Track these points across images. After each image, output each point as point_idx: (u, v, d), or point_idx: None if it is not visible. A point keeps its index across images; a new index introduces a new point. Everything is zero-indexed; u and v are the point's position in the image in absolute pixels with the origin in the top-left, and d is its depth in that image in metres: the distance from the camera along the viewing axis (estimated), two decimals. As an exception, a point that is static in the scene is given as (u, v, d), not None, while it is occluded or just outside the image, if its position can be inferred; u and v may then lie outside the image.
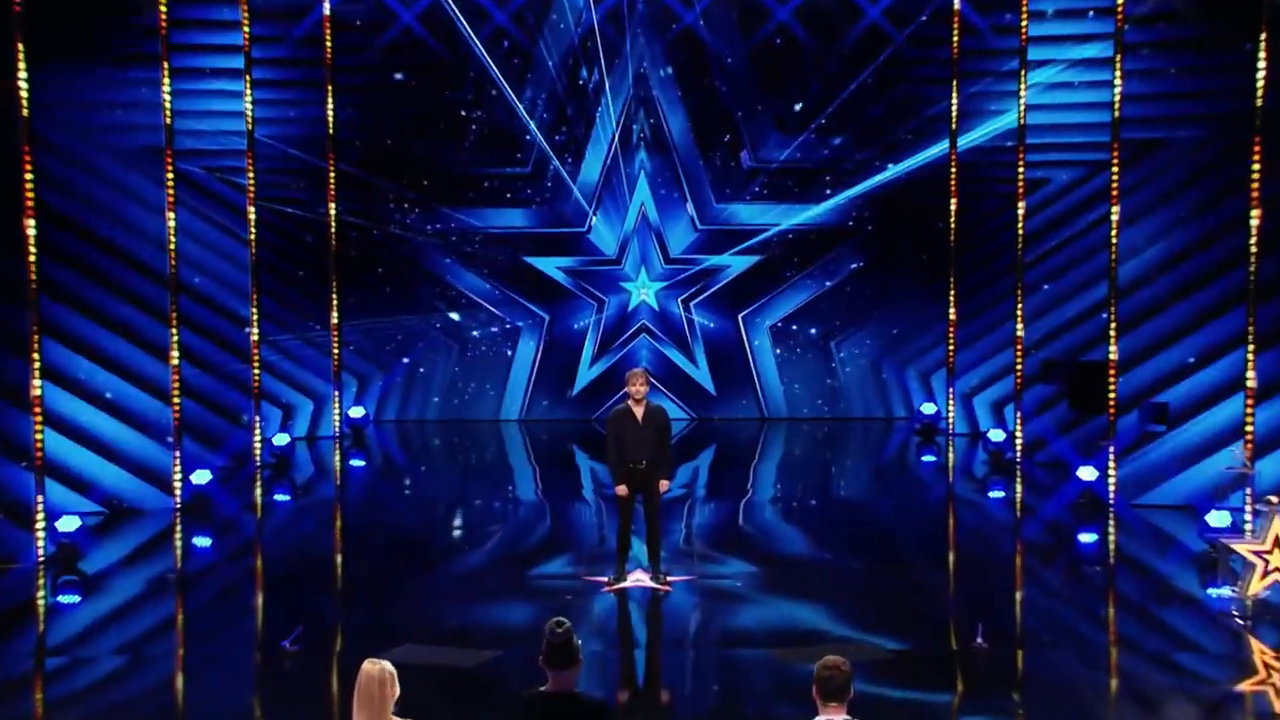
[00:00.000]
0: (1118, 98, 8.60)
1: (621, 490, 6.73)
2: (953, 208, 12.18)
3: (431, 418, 13.17)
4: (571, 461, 11.49)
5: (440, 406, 13.23)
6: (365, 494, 10.19)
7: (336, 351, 12.50)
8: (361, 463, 11.42)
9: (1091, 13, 10.17)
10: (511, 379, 13.26)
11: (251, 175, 10.60)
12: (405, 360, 13.03)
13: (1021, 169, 10.90)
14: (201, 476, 9.18)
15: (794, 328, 13.20)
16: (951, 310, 12.32)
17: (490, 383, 13.26)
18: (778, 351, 13.17)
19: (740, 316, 13.28)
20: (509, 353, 13.20)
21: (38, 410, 7.44)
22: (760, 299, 13.29)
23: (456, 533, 8.58)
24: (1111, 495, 8.81)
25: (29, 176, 7.18)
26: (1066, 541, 8.17)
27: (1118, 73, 8.52)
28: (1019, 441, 10.74)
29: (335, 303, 12.43)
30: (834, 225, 12.97)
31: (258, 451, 10.59)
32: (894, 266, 12.94)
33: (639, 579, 7.01)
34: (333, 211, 12.34)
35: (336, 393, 12.39)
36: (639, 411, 6.61)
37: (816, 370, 13.24)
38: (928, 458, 11.51)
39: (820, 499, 9.79)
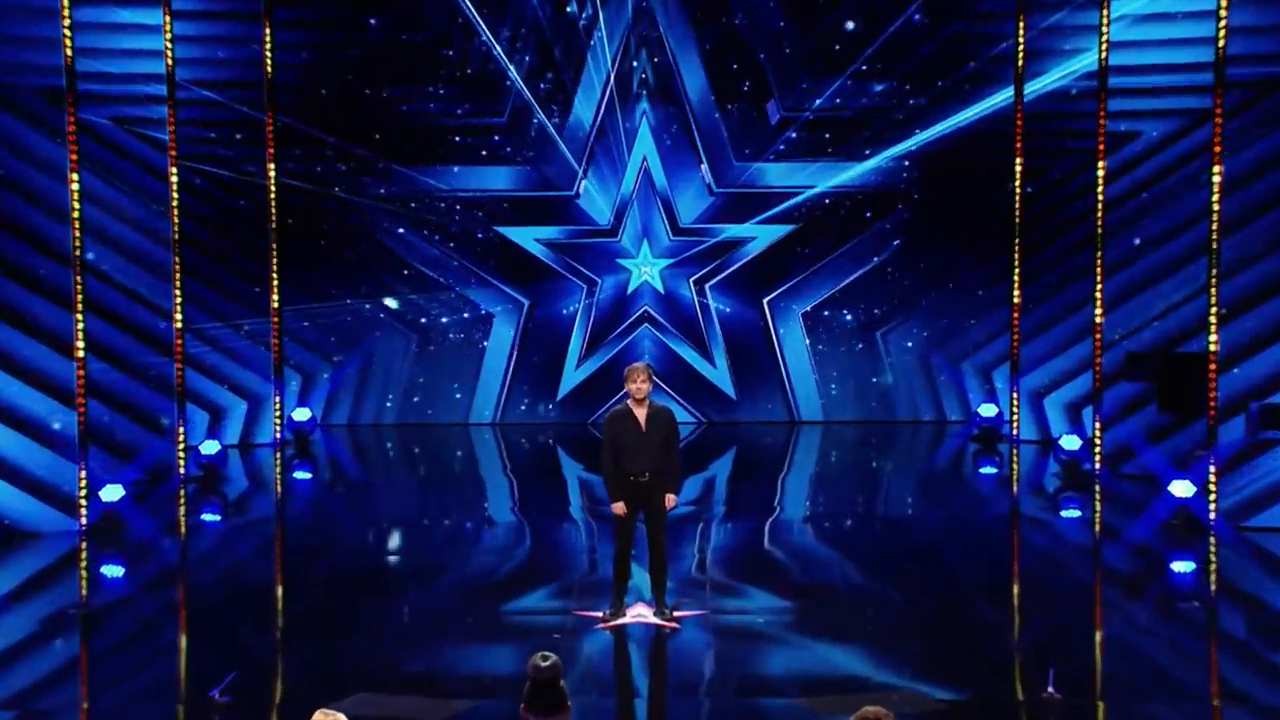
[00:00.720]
0: (1223, 31, 8.19)
1: (619, 508, 6.75)
2: (1018, 168, 12.04)
3: (390, 421, 13.22)
4: (558, 473, 11.63)
5: (400, 408, 13.25)
6: (311, 512, 10.30)
7: (276, 343, 12.43)
8: (307, 475, 11.50)
9: None
10: (484, 376, 13.22)
11: (172, 128, 10.38)
12: (352, 364, 13.05)
13: (1103, 121, 10.61)
14: (112, 493, 9.07)
15: (829, 314, 13.15)
16: (1016, 293, 12.21)
17: (459, 380, 13.23)
18: (810, 343, 13.17)
19: (765, 301, 13.23)
20: (481, 345, 13.16)
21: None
22: (789, 279, 13.19)
23: (419, 558, 8.56)
24: (1212, 515, 8.70)
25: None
26: (1157, 570, 8.14)
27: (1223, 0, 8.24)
28: (1098, 450, 10.68)
29: (275, 284, 12.34)
30: (877, 189, 12.88)
31: (181, 462, 10.54)
32: (947, 240, 12.86)
33: (640, 614, 7.02)
34: (271, 173, 12.17)
35: (276, 392, 12.35)
36: (641, 414, 6.63)
37: (857, 365, 13.17)
38: (988, 469, 11.55)
39: (860, 518, 9.80)
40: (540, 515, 9.83)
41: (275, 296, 12.40)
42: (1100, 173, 10.60)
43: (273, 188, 12.21)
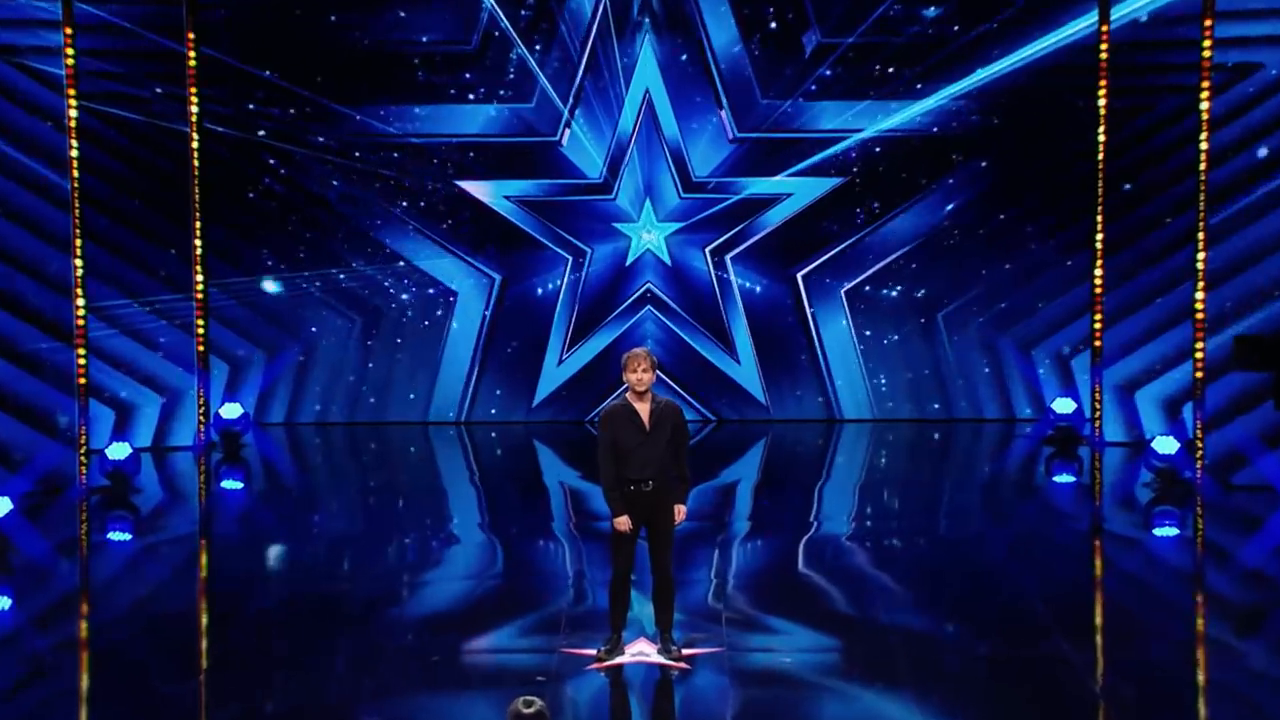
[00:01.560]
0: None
1: (623, 523, 6.72)
2: (1102, 110, 11.79)
3: (336, 420, 13.20)
4: (538, 480, 11.69)
5: (348, 404, 13.26)
6: (241, 529, 10.30)
7: (200, 325, 12.40)
8: (237, 484, 11.52)
9: None
10: (447, 366, 13.16)
11: (70, 61, 10.28)
12: (291, 351, 12.99)
13: (1208, 52, 10.42)
14: (-3, 507, 9.42)
15: (878, 292, 13.04)
16: (1099, 265, 12.07)
17: (418, 371, 13.20)
18: (854, 326, 13.01)
19: (799, 276, 13.09)
20: (444, 328, 13.11)
21: None
22: (829, 249, 13.06)
23: (372, 585, 8.56)
24: (1347, 533, 9.36)
25: None
26: (1277, 603, 8.14)
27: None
28: (1200, 455, 10.63)
29: (197, 253, 12.28)
30: (935, 135, 12.68)
31: (82, 470, 10.53)
32: (1018, 199, 12.75)
33: (642, 652, 7.01)
34: (193, 116, 12.06)
35: (199, 385, 12.36)
36: (643, 409, 6.66)
37: (910, 353, 13.09)
38: (1064, 477, 11.48)
39: (912, 536, 9.76)
40: (518, 532, 9.88)
41: (198, 269, 12.35)
42: (1204, 114, 10.41)
43: (194, 135, 12.08)
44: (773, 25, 12.71)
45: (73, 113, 10.21)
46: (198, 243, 12.35)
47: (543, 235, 13.70)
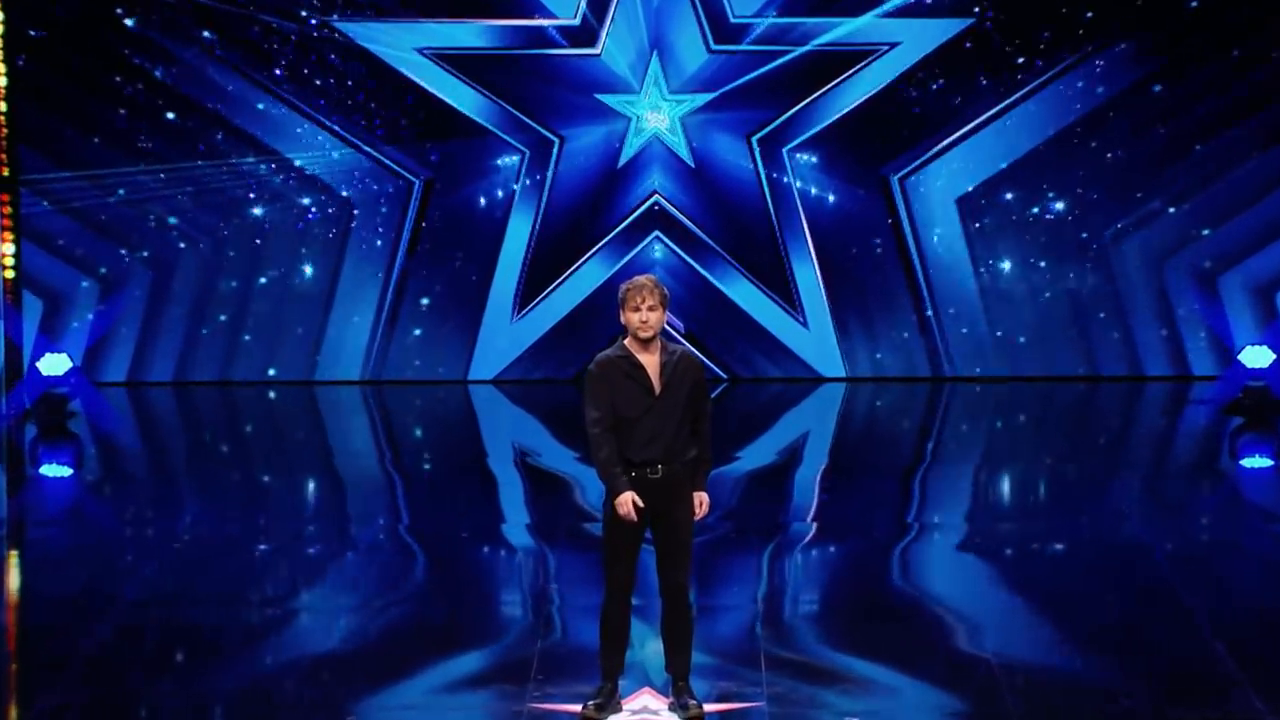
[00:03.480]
0: None
1: (625, 502, 6.70)
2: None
3: (196, 378, 13.61)
4: (484, 462, 12.05)
5: (215, 357, 13.78)
6: (67, 534, 10.34)
7: (9, 244, 12.58)
8: (62, 469, 11.64)
9: None
10: (345, 304, 13.66)
11: None
12: (135, 284, 13.48)
13: None
14: None
15: (1002, 201, 13.30)
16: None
17: (309, 312, 13.67)
18: (971, 250, 13.42)
19: (896, 178, 13.16)
20: (341, 254, 13.48)
21: None
22: (939, 136, 13.11)
23: (246, 611, 8.66)
24: None
25: None
26: None
27: None
28: None
29: (2, 142, 12.63)
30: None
31: None
32: (1186, 74, 13.17)
33: (647, 710, 7.02)
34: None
35: (7, 328, 12.77)
36: (650, 362, 6.71)
37: (1046, 288, 13.55)
38: (1258, 459, 11.63)
39: (1042, 541, 9.90)
40: (460, 535, 10.03)
41: (3, 163, 12.84)
42: None
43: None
44: None
45: None
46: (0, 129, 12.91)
47: (486, 114, 13.57)
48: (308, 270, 13.38)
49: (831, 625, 8.38)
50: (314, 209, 13.36)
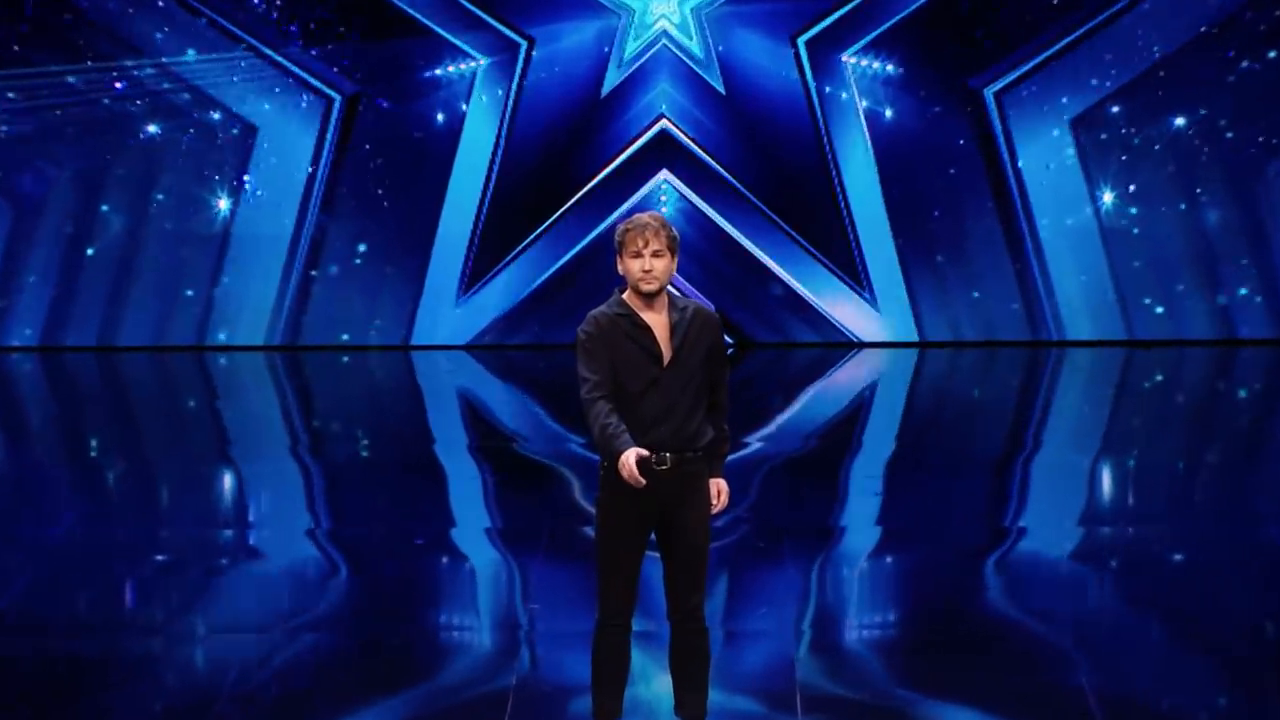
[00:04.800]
0: None
1: (630, 459, 6.64)
2: None
3: (73, 342, 14.18)
4: (432, 448, 12.16)
5: (85, 318, 13.60)
6: None
7: None
8: None
9: None
10: (244, 246, 14.27)
11: None
12: None
13: None
14: None
15: (1130, 119, 13.04)
16: None
17: (197, 264, 13.02)
18: (1090, 185, 13.28)
19: (990, 92, 13.16)
20: (238, 184, 13.24)
21: None
22: (1042, 36, 12.99)
23: (123, 636, 8.61)
24: None
25: None
26: None
27: None
28: None
29: None
30: None
31: None
32: None
33: None
34: None
35: None
36: (657, 322, 6.69)
37: (1180, 231, 13.31)
38: None
39: (1175, 546, 10.08)
40: (413, 541, 10.15)
41: None
42: None
43: None
44: None
45: None
46: None
47: (429, 9, 13.50)
48: (202, 210, 13.32)
49: (887, 656, 8.30)
50: (206, 132, 13.31)
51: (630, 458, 6.51)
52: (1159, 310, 13.87)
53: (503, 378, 13.32)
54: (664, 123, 13.42)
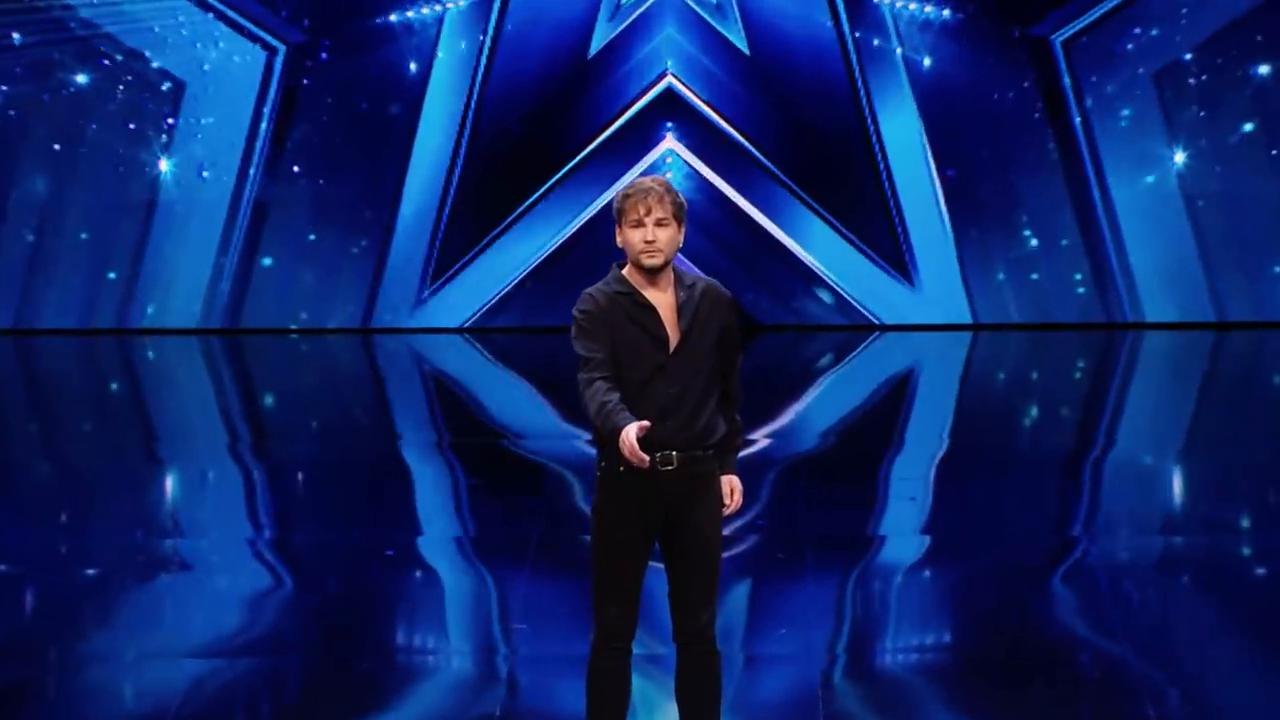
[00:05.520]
0: None
1: (631, 437, 6.57)
2: None
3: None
4: (398, 444, 12.44)
5: (14, 297, 14.24)
6: None
7: None
8: None
9: None
10: (169, 228, 13.59)
11: None
12: None
13: None
14: None
15: (1200, 62, 13.18)
16: None
17: (121, 239, 13.24)
18: (1175, 143, 13.08)
19: (1059, 40, 13.31)
20: (159, 147, 13.07)
21: None
22: None
23: (80, 669, 8.63)
24: None
25: None
26: None
27: None
28: None
29: None
30: None
31: None
32: None
33: None
34: None
35: None
36: (662, 301, 6.70)
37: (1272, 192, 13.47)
38: None
39: (1272, 559, 10.29)
40: (383, 551, 10.24)
41: None
42: None
43: None
44: None
45: None
46: None
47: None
48: (126, 177, 13.29)
49: (929, 684, 8.34)
50: (131, 88, 13.29)
51: (632, 432, 6.41)
52: (1250, 287, 13.83)
53: (477, 365, 13.27)
54: (669, 80, 13.38)
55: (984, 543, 10.11)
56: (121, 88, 13.74)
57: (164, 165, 13.90)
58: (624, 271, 6.53)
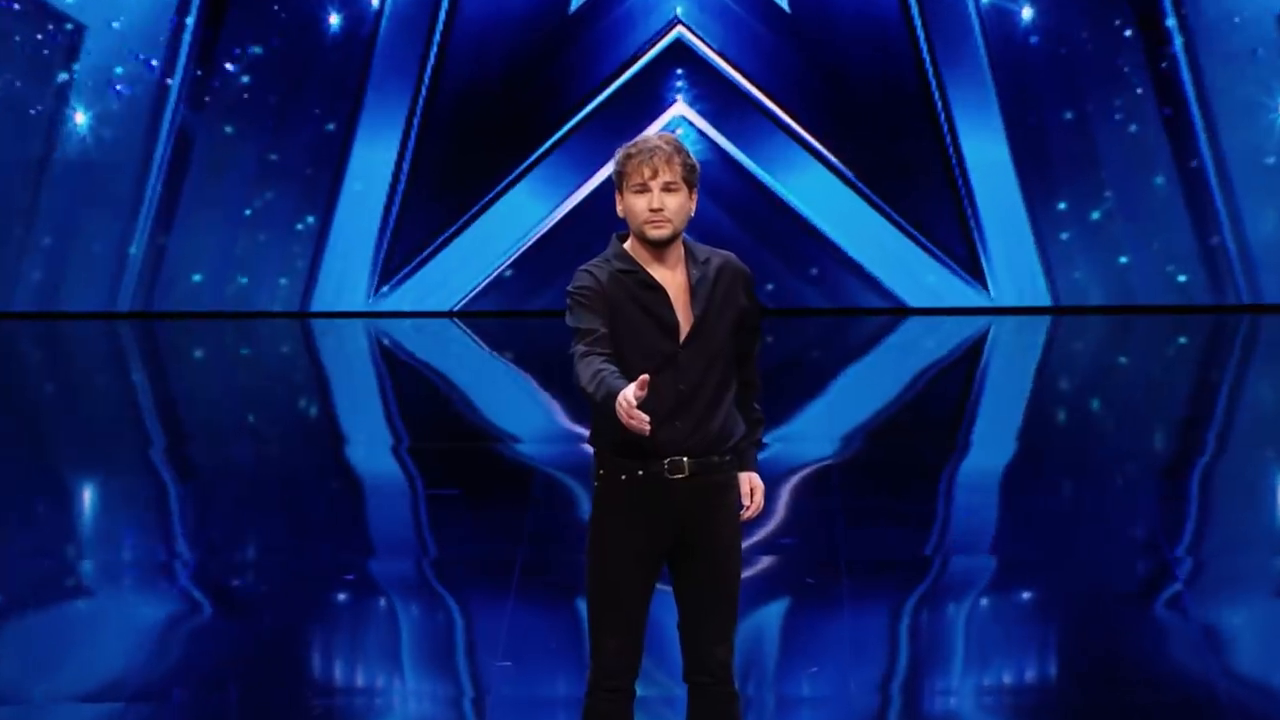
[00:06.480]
0: None
1: (627, 400, 6.60)
2: None
3: None
4: (356, 448, 11.69)
5: None
6: None
7: None
8: None
9: None
10: (72, 179, 14.60)
11: None
12: None
13: None
14: None
15: None
16: None
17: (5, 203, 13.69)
18: None
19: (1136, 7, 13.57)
20: (56, 100, 13.41)
21: None
22: None
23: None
24: None
25: None
26: None
27: None
28: None
29: None
30: None
31: None
32: None
33: None
34: None
35: None
36: (673, 281, 6.81)
37: None
38: None
39: None
40: (342, 575, 10.58)
41: None
42: None
43: None
44: None
45: None
46: None
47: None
48: (15, 137, 13.42)
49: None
50: (18, 33, 13.41)
51: (630, 391, 6.40)
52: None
53: (455, 355, 13.34)
54: (679, 30, 13.45)
55: (1061, 566, 10.08)
56: (8, 33, 13.87)
57: (62, 123, 13.98)
58: (625, 246, 6.58)
